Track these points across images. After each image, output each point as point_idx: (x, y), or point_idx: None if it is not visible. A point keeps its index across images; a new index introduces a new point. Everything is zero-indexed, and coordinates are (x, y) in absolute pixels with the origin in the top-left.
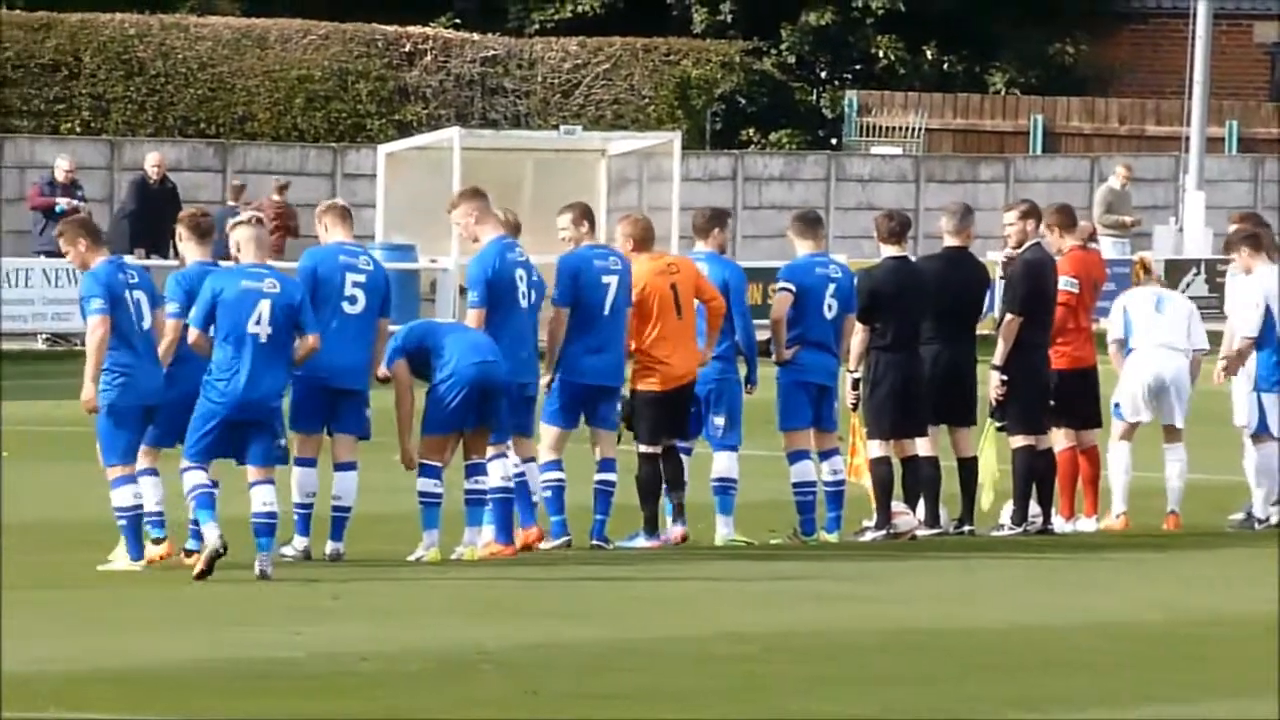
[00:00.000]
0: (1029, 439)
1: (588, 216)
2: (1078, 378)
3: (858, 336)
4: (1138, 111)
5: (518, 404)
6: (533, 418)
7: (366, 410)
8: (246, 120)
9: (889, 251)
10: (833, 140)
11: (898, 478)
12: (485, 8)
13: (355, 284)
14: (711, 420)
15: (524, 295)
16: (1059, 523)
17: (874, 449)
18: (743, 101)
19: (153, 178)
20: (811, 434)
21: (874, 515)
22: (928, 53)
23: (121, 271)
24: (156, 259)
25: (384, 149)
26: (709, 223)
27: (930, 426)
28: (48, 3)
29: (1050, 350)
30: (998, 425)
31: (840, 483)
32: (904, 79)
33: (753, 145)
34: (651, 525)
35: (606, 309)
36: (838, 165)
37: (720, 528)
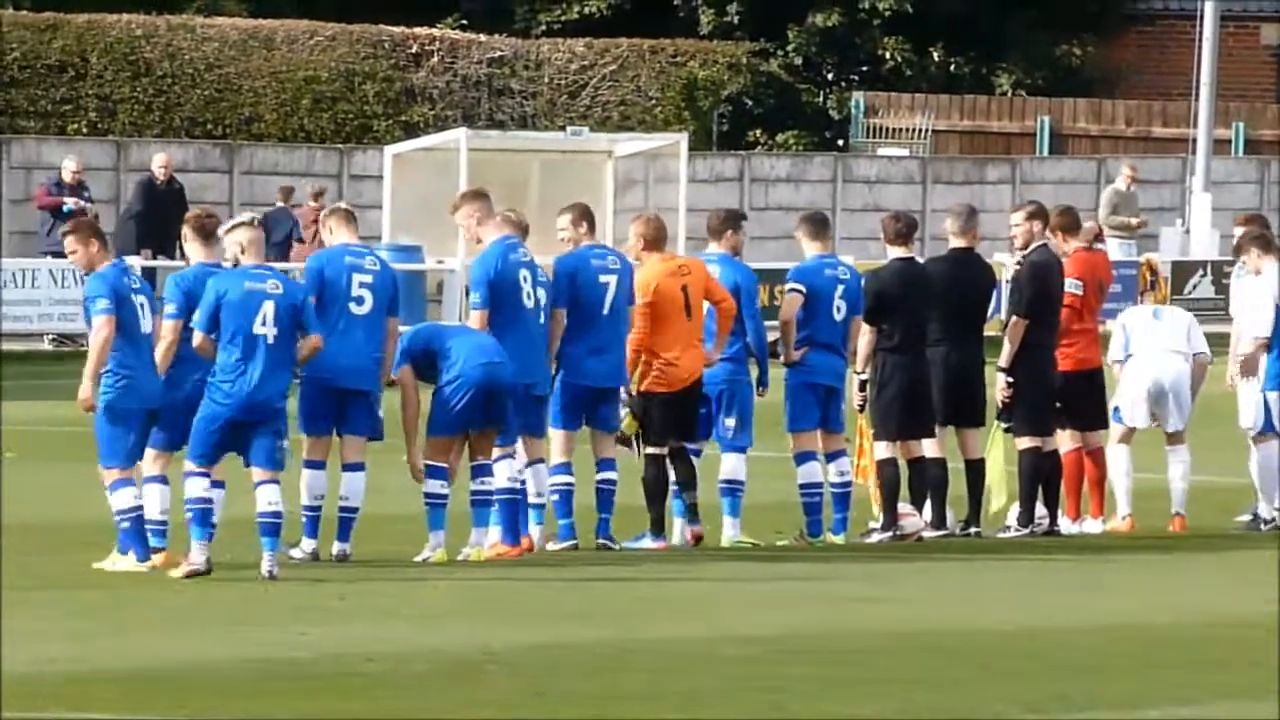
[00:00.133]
0: (1035, 440)
1: (587, 217)
2: (1083, 379)
3: (865, 338)
4: (1144, 113)
5: (525, 405)
6: (543, 418)
7: (378, 411)
8: (253, 121)
9: (896, 253)
10: (839, 142)
11: (904, 479)
12: (492, 9)
13: (362, 284)
14: (722, 421)
15: (528, 295)
16: (1065, 524)
17: (881, 450)
18: (749, 103)
19: (159, 178)
20: (819, 435)
21: (880, 517)
22: (934, 54)
23: (126, 275)
24: (163, 260)
25: (390, 150)
26: (723, 224)
27: (938, 428)
28: (54, 3)
29: (1056, 352)
30: (1004, 427)
31: (847, 484)
32: (911, 80)
33: (759, 146)
34: (658, 526)
35: (606, 308)
36: (844, 167)
37: (727, 529)
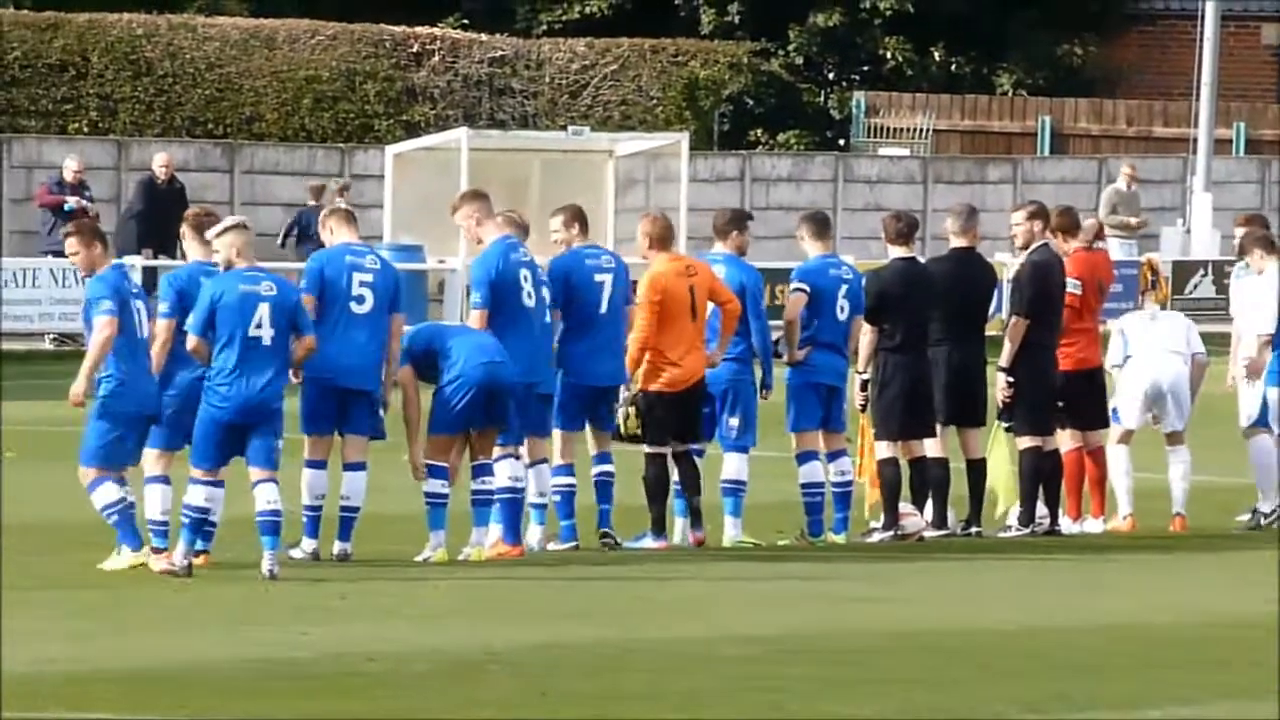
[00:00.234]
0: (1036, 440)
1: (579, 218)
2: (1084, 379)
3: (866, 337)
4: (1145, 113)
5: (529, 404)
6: (547, 418)
7: (379, 410)
8: (254, 121)
9: (897, 252)
10: (840, 141)
11: (906, 479)
12: (493, 8)
13: (363, 284)
14: (726, 421)
15: (529, 295)
16: (1066, 524)
17: (882, 450)
18: (750, 102)
19: (160, 178)
20: (820, 435)
21: (881, 516)
22: (935, 54)
23: (125, 280)
24: (164, 259)
25: (392, 150)
26: (729, 224)
27: (940, 427)
28: (55, 3)
29: (1057, 352)
30: (1005, 426)
31: (848, 484)
32: (912, 80)
33: (760, 146)
34: (659, 526)
35: (603, 307)
36: (845, 166)
37: (728, 529)
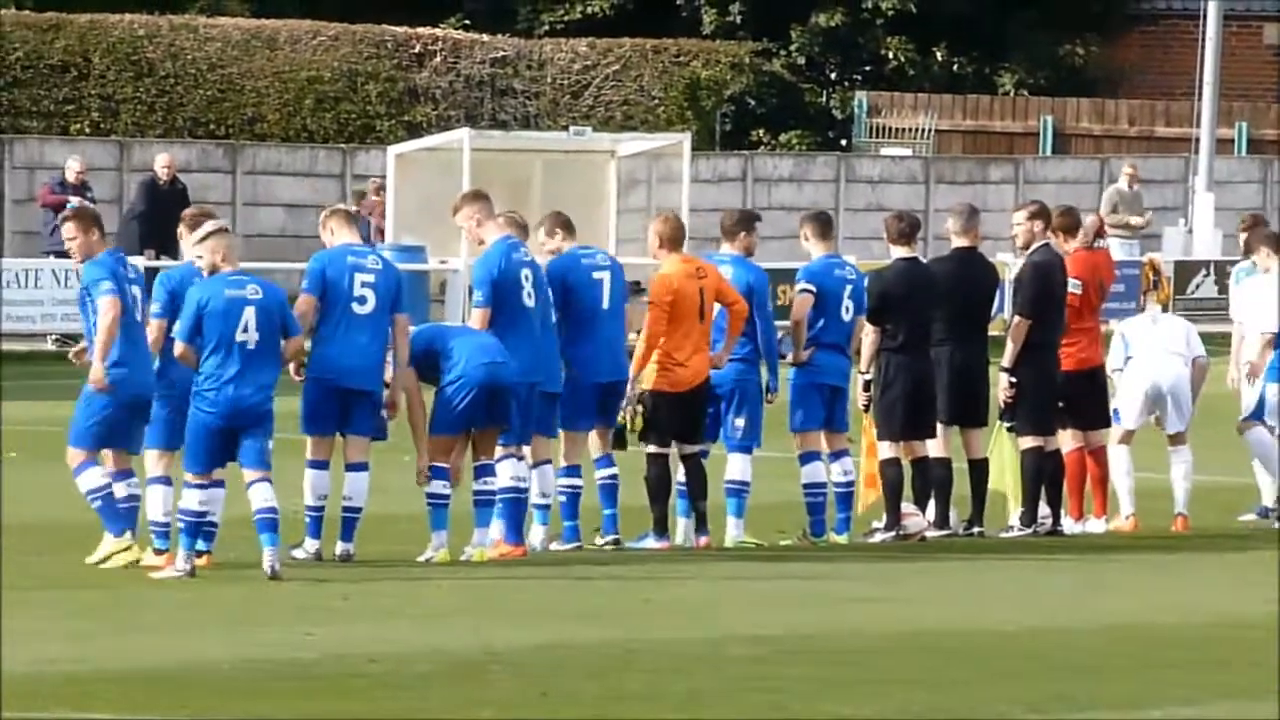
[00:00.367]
0: (1038, 440)
1: (560, 224)
2: (1085, 379)
3: (868, 338)
4: (1147, 113)
5: (529, 404)
6: (553, 418)
7: (381, 411)
8: (256, 121)
9: (899, 253)
10: (842, 141)
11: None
12: (495, 9)
13: (364, 284)
14: (731, 422)
15: (529, 295)
16: (1068, 524)
17: (884, 450)
18: (752, 103)
19: (162, 179)
20: (823, 435)
21: (884, 516)
22: (937, 54)
23: (121, 265)
24: (166, 260)
25: (393, 150)
26: (737, 225)
27: (942, 427)
28: (57, 3)
29: (1058, 351)
30: (1007, 426)
31: (850, 484)
32: (914, 80)
33: (762, 146)
34: (661, 526)
35: (605, 303)
36: (847, 166)
37: (731, 529)
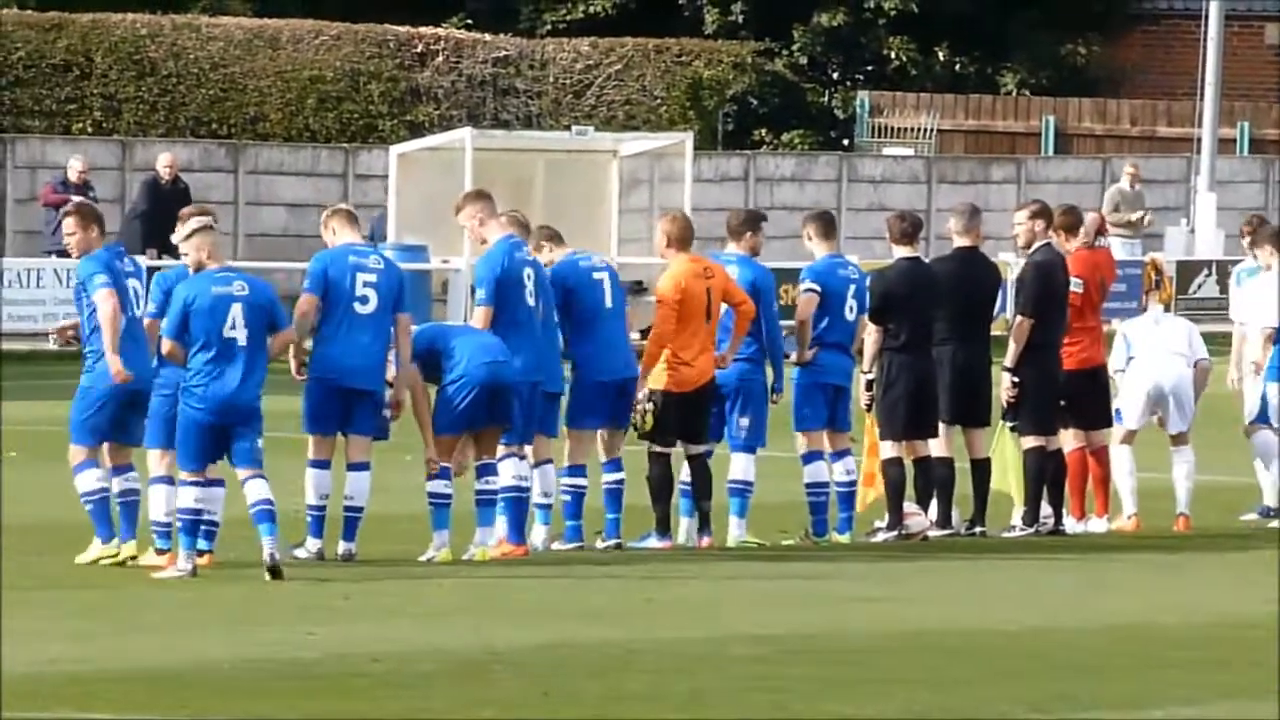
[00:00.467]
0: (1040, 440)
1: (546, 237)
2: (1086, 378)
3: (871, 337)
4: (1149, 113)
5: (531, 403)
6: (555, 417)
7: (383, 410)
8: (258, 121)
9: (901, 252)
10: (844, 141)
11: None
12: (497, 8)
13: (366, 284)
14: (736, 421)
15: (531, 294)
16: (1070, 523)
17: (887, 450)
18: (754, 102)
19: (164, 178)
20: (825, 435)
21: (885, 516)
22: (939, 54)
23: (119, 260)
24: (168, 259)
25: (396, 150)
26: (743, 225)
27: (945, 427)
28: (59, 3)
29: (1060, 351)
30: (1010, 426)
31: (852, 483)
32: (916, 80)
33: (764, 146)
34: (663, 526)
35: (608, 302)
36: (849, 166)
37: (733, 529)
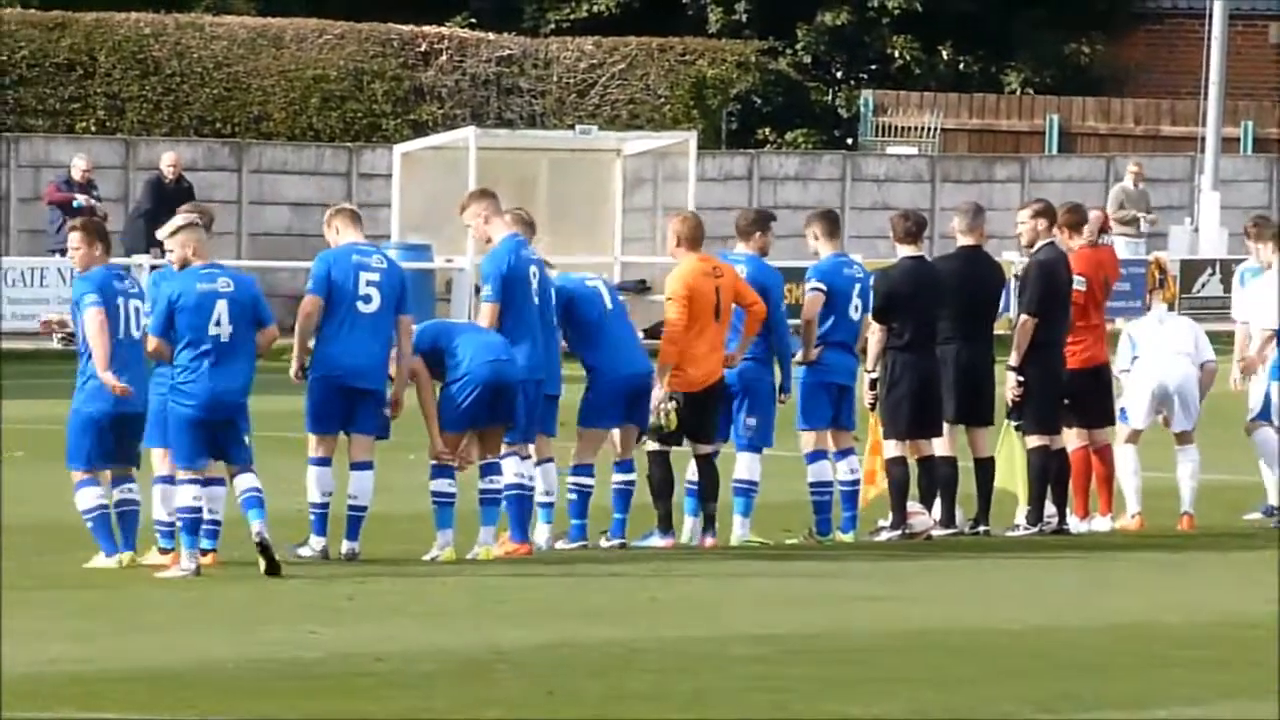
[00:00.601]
0: (1044, 439)
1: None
2: (1089, 376)
3: (875, 336)
4: (1153, 112)
5: (534, 402)
6: (553, 417)
7: (384, 410)
8: (262, 120)
9: (905, 251)
10: (848, 140)
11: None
12: (501, 7)
13: (369, 283)
14: (743, 421)
15: (536, 293)
16: (1074, 523)
17: (890, 449)
18: (758, 101)
19: (168, 177)
20: (829, 434)
21: (888, 515)
22: (943, 53)
23: (119, 280)
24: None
25: (399, 149)
26: (752, 225)
27: (948, 426)
28: (63, 2)
29: (1064, 349)
30: (1015, 425)
31: (856, 483)
32: (920, 79)
33: (768, 145)
34: (665, 524)
35: (608, 304)
36: (853, 165)
37: (737, 528)
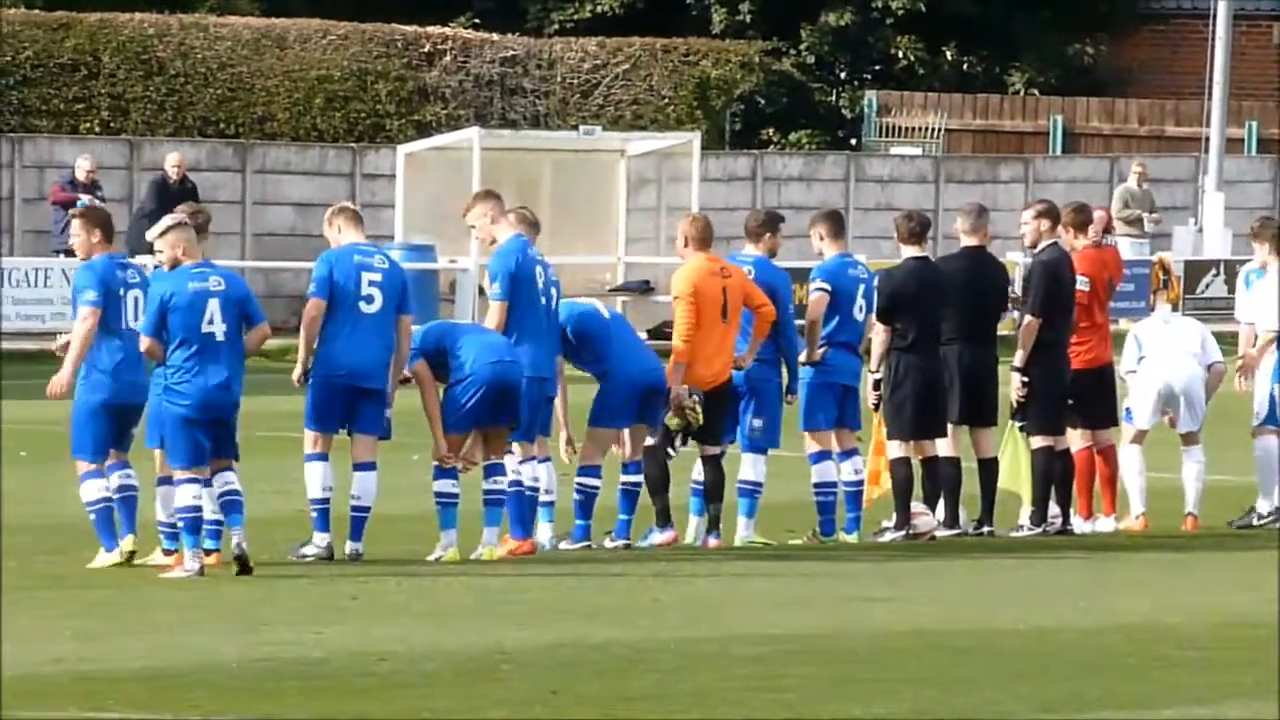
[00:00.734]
0: (1048, 440)
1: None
2: (1093, 377)
3: (878, 337)
4: (1157, 112)
5: (538, 401)
6: (549, 416)
7: (387, 410)
8: (266, 120)
9: (909, 252)
10: (852, 141)
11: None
12: (505, 8)
13: (371, 283)
14: (750, 422)
15: (541, 293)
16: (1078, 523)
17: (894, 450)
18: (762, 102)
19: (172, 177)
20: (834, 434)
21: (892, 515)
22: (947, 53)
23: (121, 269)
24: None
25: (403, 149)
26: (762, 227)
27: (951, 426)
28: (67, 2)
29: (1068, 350)
30: (1019, 426)
31: (860, 483)
32: (923, 79)
33: (772, 145)
34: (664, 518)
35: (606, 314)
36: (857, 166)
37: (740, 529)
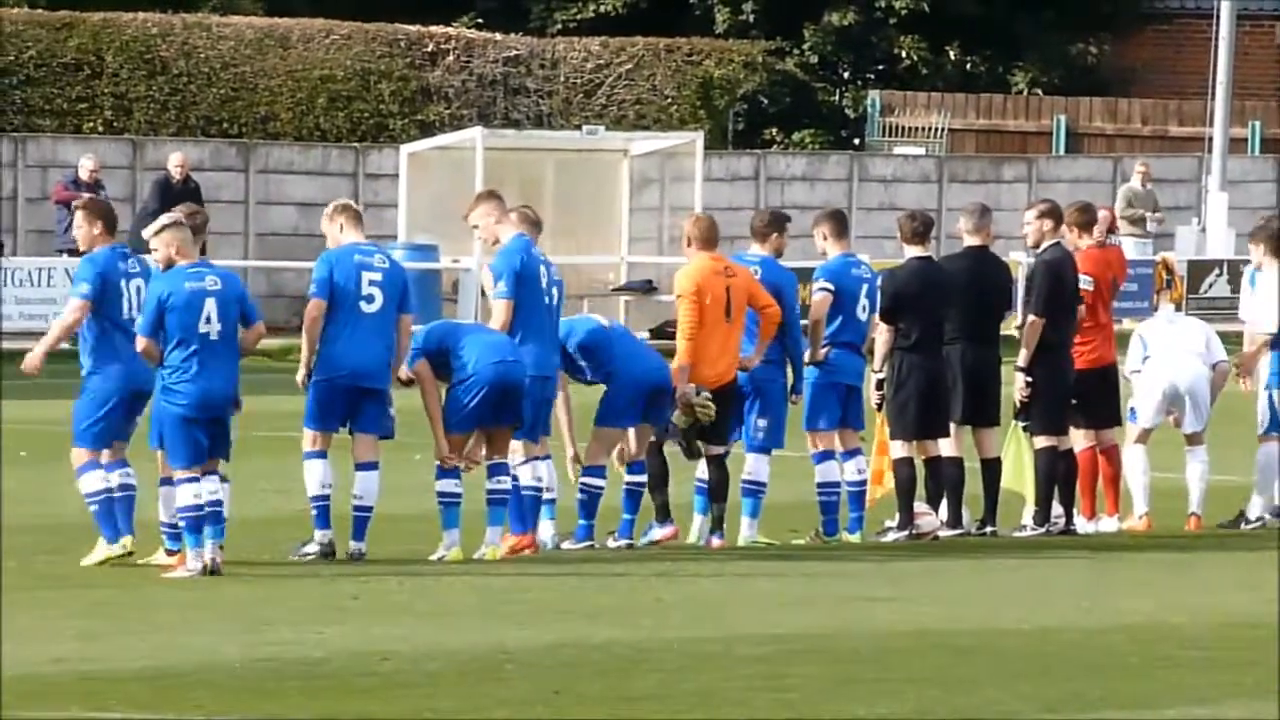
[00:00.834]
0: (1052, 440)
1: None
2: (1096, 376)
3: (882, 337)
4: (1160, 112)
5: (541, 400)
6: (547, 416)
7: (389, 409)
8: (269, 120)
9: (912, 252)
10: (855, 140)
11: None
12: (508, 7)
13: (372, 283)
14: (755, 422)
15: (545, 292)
16: (1081, 523)
17: (897, 449)
18: (765, 101)
19: (175, 177)
20: (837, 434)
21: (895, 515)
22: (950, 53)
23: (123, 260)
24: None
25: (406, 149)
26: (767, 227)
27: (954, 426)
28: (70, 2)
29: (1072, 350)
30: (1023, 426)
31: (863, 483)
32: (927, 79)
33: (775, 145)
34: (663, 513)
35: (605, 322)
36: (860, 165)
37: (744, 529)
